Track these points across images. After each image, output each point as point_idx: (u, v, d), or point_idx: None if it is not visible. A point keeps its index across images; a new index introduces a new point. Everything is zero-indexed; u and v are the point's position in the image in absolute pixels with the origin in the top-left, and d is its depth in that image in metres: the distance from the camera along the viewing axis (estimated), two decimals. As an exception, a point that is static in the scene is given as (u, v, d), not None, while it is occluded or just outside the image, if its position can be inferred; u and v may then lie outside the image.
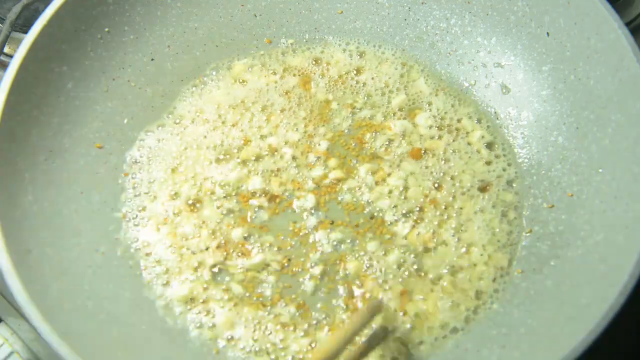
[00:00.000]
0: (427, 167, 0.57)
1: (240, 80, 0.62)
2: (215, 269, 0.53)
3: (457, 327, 0.50)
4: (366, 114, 0.60)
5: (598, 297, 0.44)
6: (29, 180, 0.51)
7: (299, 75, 0.62)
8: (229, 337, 0.51)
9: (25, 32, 0.53)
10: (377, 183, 0.56)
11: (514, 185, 0.56)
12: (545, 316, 0.47)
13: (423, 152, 0.58)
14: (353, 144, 0.59)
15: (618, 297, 0.42)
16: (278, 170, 0.57)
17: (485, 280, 0.52)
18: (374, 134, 0.59)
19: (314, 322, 0.51)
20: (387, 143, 0.59)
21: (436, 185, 0.56)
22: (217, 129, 0.60)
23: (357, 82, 0.62)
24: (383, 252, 0.53)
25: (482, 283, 0.52)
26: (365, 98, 0.61)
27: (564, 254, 0.50)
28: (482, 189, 0.56)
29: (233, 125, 0.60)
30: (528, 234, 0.54)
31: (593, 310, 0.43)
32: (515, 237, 0.54)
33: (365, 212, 0.55)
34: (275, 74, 0.63)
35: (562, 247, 0.51)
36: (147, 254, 0.54)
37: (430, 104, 0.61)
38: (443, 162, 0.58)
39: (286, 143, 0.59)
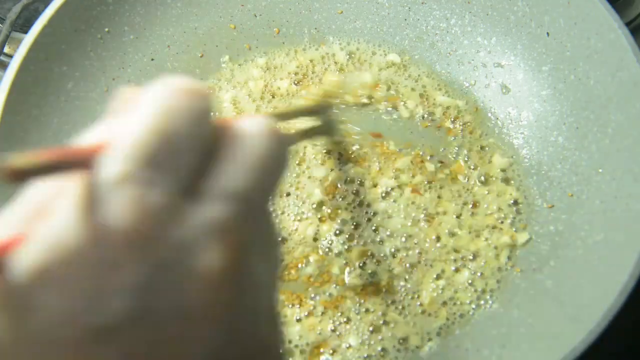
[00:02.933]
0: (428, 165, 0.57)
1: (241, 80, 0.62)
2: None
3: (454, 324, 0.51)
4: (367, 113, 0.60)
5: (598, 297, 0.44)
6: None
7: (300, 74, 0.62)
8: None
9: (25, 32, 0.53)
10: (374, 183, 0.56)
11: (513, 184, 0.56)
12: (545, 316, 0.47)
13: (423, 151, 0.58)
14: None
15: (618, 297, 0.42)
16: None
17: (483, 280, 0.52)
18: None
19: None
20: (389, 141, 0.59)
21: (434, 183, 0.56)
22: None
23: (357, 83, 0.62)
24: (380, 243, 0.53)
25: (478, 283, 0.52)
26: (366, 97, 0.61)
27: (564, 254, 0.50)
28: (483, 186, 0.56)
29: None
30: (527, 232, 0.54)
31: (593, 310, 0.43)
32: (514, 238, 0.54)
33: (365, 210, 0.55)
34: (275, 73, 0.63)
35: (562, 247, 0.51)
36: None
37: (428, 103, 0.61)
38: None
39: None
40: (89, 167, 0.22)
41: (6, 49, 0.64)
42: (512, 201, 0.56)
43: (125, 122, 0.22)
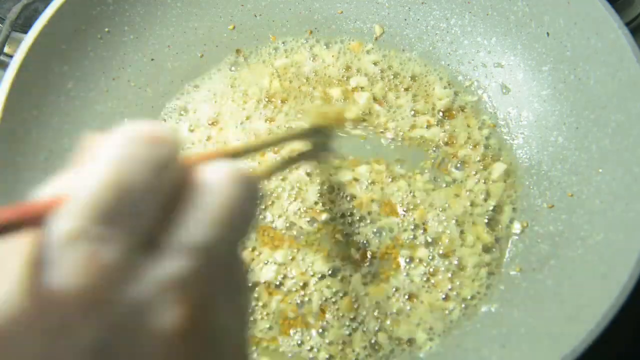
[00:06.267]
0: (429, 164, 0.57)
1: (241, 80, 0.62)
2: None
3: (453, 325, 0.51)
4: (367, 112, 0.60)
5: (598, 297, 0.44)
6: (29, 180, 0.51)
7: (300, 73, 0.62)
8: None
9: (25, 32, 0.53)
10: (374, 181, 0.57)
11: (513, 184, 0.56)
12: (545, 316, 0.47)
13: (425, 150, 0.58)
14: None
15: (618, 297, 0.42)
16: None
17: (483, 279, 0.52)
18: (376, 130, 0.59)
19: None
20: (390, 139, 0.59)
21: (435, 181, 0.56)
22: (219, 128, 0.60)
23: (357, 82, 0.62)
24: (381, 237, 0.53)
25: (478, 283, 0.52)
26: (366, 97, 0.61)
27: (564, 254, 0.50)
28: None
29: (235, 125, 0.60)
30: (526, 230, 0.54)
31: (593, 310, 0.43)
32: (513, 238, 0.54)
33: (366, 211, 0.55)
34: (275, 72, 0.63)
35: (562, 247, 0.51)
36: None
37: (429, 103, 0.61)
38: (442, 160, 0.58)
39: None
40: (42, 224, 0.21)
41: (6, 49, 0.64)
42: (511, 201, 0.56)
43: (82, 175, 0.21)
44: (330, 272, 0.52)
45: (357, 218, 0.55)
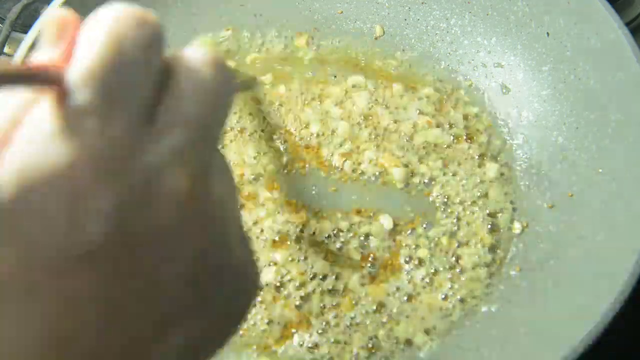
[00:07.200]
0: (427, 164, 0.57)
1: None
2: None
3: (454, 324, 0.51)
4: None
5: (598, 297, 0.44)
6: (29, 180, 0.51)
7: (299, 73, 0.62)
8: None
9: (25, 32, 0.53)
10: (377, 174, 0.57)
11: (513, 184, 0.56)
12: (545, 316, 0.47)
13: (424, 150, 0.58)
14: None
15: (618, 297, 0.42)
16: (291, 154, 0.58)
17: (483, 279, 0.52)
18: (377, 131, 0.59)
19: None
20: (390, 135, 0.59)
21: (434, 182, 0.56)
22: (217, 129, 0.60)
23: (357, 82, 0.62)
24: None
25: (478, 283, 0.52)
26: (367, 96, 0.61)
27: (564, 254, 0.50)
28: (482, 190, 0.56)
29: (234, 123, 0.60)
30: (526, 230, 0.54)
31: (593, 310, 0.43)
32: (513, 238, 0.54)
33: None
34: (275, 72, 0.63)
35: (562, 247, 0.51)
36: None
37: (429, 103, 0.61)
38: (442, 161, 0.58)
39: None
40: (56, 84, 0.21)
41: (6, 49, 0.64)
42: (511, 201, 0.56)
43: (78, 50, 0.22)
44: (330, 272, 0.52)
45: (358, 219, 0.55)
